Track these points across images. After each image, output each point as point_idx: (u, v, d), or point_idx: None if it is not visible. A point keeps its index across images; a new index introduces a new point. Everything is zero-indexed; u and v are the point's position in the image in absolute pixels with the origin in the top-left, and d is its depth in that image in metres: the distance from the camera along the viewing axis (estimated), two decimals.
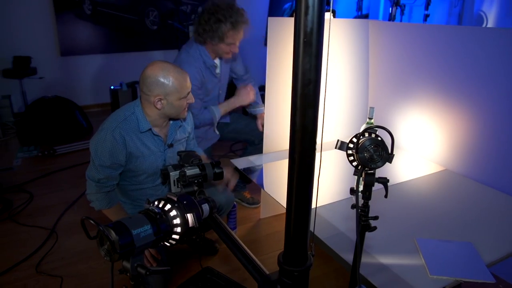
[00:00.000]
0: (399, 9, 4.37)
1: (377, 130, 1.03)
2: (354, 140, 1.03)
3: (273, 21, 1.85)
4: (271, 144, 2.11)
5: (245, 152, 2.34)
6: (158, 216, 0.83)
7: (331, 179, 1.86)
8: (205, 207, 0.98)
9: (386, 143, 0.96)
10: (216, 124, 2.15)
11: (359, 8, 5.51)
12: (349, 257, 1.23)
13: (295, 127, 0.86)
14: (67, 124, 3.58)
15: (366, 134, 0.98)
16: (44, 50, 4.11)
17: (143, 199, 1.62)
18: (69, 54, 4.24)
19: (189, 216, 0.87)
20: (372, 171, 0.98)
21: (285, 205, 1.64)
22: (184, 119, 1.61)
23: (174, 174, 1.38)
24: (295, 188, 0.93)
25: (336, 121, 2.29)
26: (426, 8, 4.68)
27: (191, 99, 1.50)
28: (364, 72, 2.30)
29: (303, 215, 0.97)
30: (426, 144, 2.06)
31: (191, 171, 1.39)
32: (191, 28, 3.92)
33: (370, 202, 1.03)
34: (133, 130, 1.46)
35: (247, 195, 2.43)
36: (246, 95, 2.14)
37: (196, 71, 1.96)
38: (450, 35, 1.86)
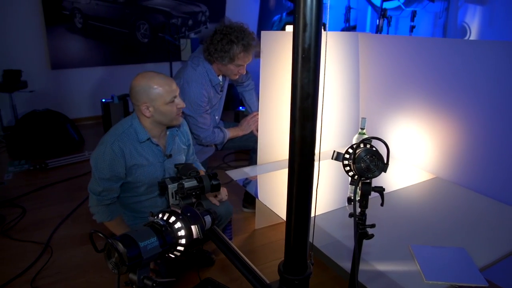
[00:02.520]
0: (386, 21, 4.48)
1: (371, 140, 1.07)
2: (350, 150, 1.07)
3: (266, 35, 1.90)
4: (265, 155, 2.14)
5: (252, 161, 2.37)
6: (163, 229, 0.85)
7: (327, 188, 1.90)
8: (208, 218, 1.00)
9: (381, 153, 1.00)
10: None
11: (347, 20, 5.64)
12: (346, 265, 1.26)
13: (294, 139, 0.90)
14: (58, 138, 3.56)
15: (362, 145, 1.02)
16: (34, 63, 4.09)
17: (143, 211, 1.64)
18: (60, 67, 4.24)
19: (194, 228, 0.90)
20: (368, 181, 1.01)
21: (280, 215, 1.69)
22: (179, 126, 1.64)
23: (172, 187, 1.40)
24: (295, 198, 0.96)
25: (328, 131, 2.33)
26: (412, 19, 4.81)
27: (180, 103, 1.53)
28: (355, 84, 2.36)
29: (303, 224, 0.99)
30: (416, 153, 2.12)
31: (189, 184, 1.41)
32: (182, 41, 3.97)
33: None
34: (131, 142, 1.49)
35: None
36: (248, 128, 2.29)
37: (204, 89, 1.99)
38: (437, 47, 1.93)
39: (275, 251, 2.10)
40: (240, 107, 3.85)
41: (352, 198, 1.03)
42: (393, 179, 2.00)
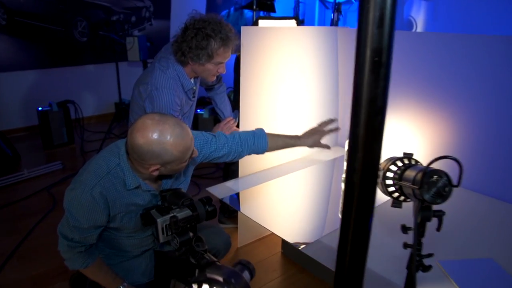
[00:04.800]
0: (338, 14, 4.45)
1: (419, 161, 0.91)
2: (394, 168, 0.90)
3: (246, 31, 1.68)
4: (247, 166, 1.93)
5: (229, 172, 2.13)
6: None
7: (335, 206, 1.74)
8: (246, 275, 0.78)
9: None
10: None
11: (296, 14, 5.56)
12: None
13: (354, 163, 0.70)
14: None
15: (407, 162, 0.85)
16: None
17: (126, 250, 1.35)
18: None
19: None
20: (429, 205, 0.85)
21: (267, 226, 1.50)
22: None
23: (162, 221, 1.14)
24: (352, 234, 0.77)
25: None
26: None
27: (195, 153, 1.23)
28: (333, 82, 2.23)
29: (358, 272, 0.80)
30: (406, 150, 2.03)
31: (182, 215, 1.17)
32: (128, 39, 3.58)
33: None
34: (116, 188, 1.19)
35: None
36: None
37: (176, 95, 1.68)
38: (422, 41, 1.85)
39: (267, 271, 1.90)
40: (198, 110, 3.58)
41: (407, 226, 0.86)
42: None
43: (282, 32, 1.89)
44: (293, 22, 2.21)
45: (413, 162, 0.91)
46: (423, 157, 1.94)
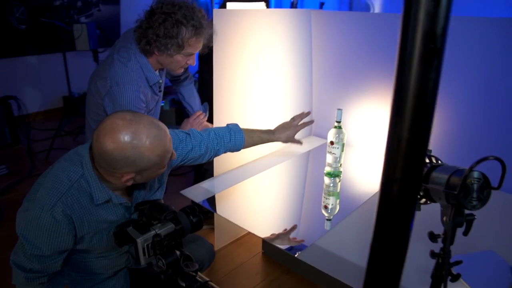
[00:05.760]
0: None
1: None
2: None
3: (219, 14, 1.51)
4: (222, 163, 1.77)
5: (201, 171, 1.96)
6: None
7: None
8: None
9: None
10: None
11: None
12: None
13: (394, 174, 0.58)
14: None
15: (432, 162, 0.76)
16: None
17: (96, 272, 1.16)
18: None
19: None
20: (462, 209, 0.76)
21: (244, 226, 1.38)
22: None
23: (143, 240, 0.98)
24: (386, 248, 0.66)
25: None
26: None
27: (174, 155, 1.07)
28: (307, 69, 2.11)
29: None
30: (383, 140, 1.97)
31: (165, 230, 1.01)
32: (76, 26, 3.23)
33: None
34: (83, 202, 1.00)
35: None
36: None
37: (140, 91, 1.46)
38: (388, 21, 1.77)
39: (249, 275, 1.78)
40: None
41: (436, 234, 0.76)
42: (371, 176, 1.84)
43: (257, 15, 1.73)
44: (262, 4, 2.05)
45: (434, 161, 0.81)
46: None
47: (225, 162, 1.77)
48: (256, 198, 1.66)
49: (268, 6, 2.08)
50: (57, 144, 3.25)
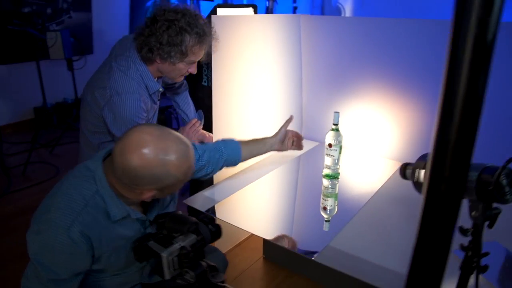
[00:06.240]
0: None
1: None
2: None
3: (218, 21, 1.50)
4: (221, 171, 1.76)
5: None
6: None
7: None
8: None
9: None
10: None
11: (225, 1, 5.39)
12: None
13: (443, 172, 0.60)
14: None
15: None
16: None
17: None
18: None
19: None
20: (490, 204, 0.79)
21: (246, 229, 1.40)
22: None
23: (167, 254, 0.95)
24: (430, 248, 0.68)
25: (269, 131, 2.04)
26: (294, 1, 4.84)
27: (194, 170, 1.07)
28: (297, 73, 2.14)
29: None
30: (378, 141, 2.02)
31: (188, 242, 0.99)
32: (49, 34, 3.10)
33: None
34: (99, 222, 0.96)
35: None
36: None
37: (141, 100, 1.42)
38: (389, 27, 1.84)
39: (254, 281, 1.77)
40: None
41: (465, 228, 0.79)
42: (367, 176, 1.88)
43: (248, 21, 1.74)
44: (250, 10, 2.06)
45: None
46: (396, 144, 1.95)
47: (223, 169, 1.76)
48: (255, 203, 1.66)
49: (256, 12, 2.09)
50: (33, 157, 3.11)
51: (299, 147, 1.65)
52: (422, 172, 0.88)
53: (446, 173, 0.58)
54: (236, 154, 1.42)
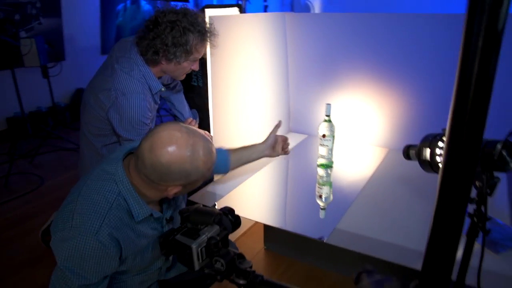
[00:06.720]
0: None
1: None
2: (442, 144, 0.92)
3: (216, 20, 1.55)
4: None
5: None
6: None
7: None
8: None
9: None
10: None
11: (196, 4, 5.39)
12: None
13: (459, 148, 0.68)
14: None
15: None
16: None
17: None
18: None
19: None
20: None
21: (251, 217, 1.50)
22: None
23: (197, 246, 1.00)
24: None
25: (258, 126, 2.12)
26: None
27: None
28: (283, 68, 2.21)
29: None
30: (365, 131, 2.13)
31: (214, 233, 1.04)
32: (24, 41, 3.02)
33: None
34: (125, 223, 0.98)
35: None
36: None
37: (146, 100, 1.45)
38: (371, 22, 1.94)
39: (258, 272, 1.82)
40: None
41: (472, 198, 0.89)
42: (358, 163, 1.98)
43: (237, 20, 1.80)
44: (236, 9, 2.11)
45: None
46: (383, 132, 2.06)
47: None
48: (254, 196, 1.71)
49: (241, 11, 2.14)
50: (12, 169, 3.02)
51: (286, 152, 1.69)
52: (428, 150, 0.97)
53: (463, 139, 0.66)
54: (223, 164, 1.45)
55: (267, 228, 2.00)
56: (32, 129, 3.79)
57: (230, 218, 1.12)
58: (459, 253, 0.83)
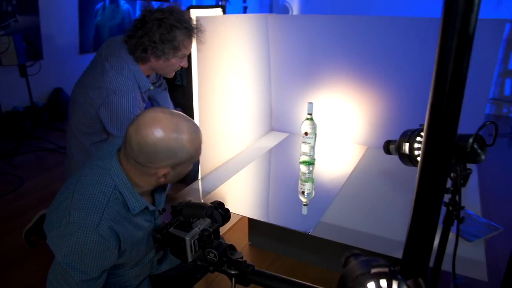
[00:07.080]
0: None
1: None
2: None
3: (202, 21, 1.58)
4: (207, 163, 1.85)
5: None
6: None
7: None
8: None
9: None
10: None
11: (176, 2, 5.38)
12: None
13: (437, 140, 0.75)
14: None
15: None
16: None
17: (129, 285, 1.17)
18: None
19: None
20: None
21: (238, 212, 1.54)
22: None
23: (190, 238, 1.04)
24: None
25: (241, 125, 2.17)
26: (244, 1, 4.97)
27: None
28: (265, 68, 2.27)
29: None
30: (344, 129, 2.21)
31: (206, 225, 1.09)
32: (1, 39, 2.95)
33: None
34: (122, 213, 1.00)
35: None
36: None
37: (137, 100, 1.47)
38: (351, 23, 2.02)
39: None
40: None
41: (448, 188, 0.97)
42: (340, 160, 2.05)
43: (225, 20, 1.84)
44: (219, 10, 2.16)
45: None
46: (361, 130, 2.15)
47: (207, 164, 1.85)
48: (239, 193, 1.75)
49: (224, 12, 2.19)
50: None
51: None
52: (407, 145, 1.04)
53: (440, 132, 0.73)
54: None
55: (252, 224, 2.05)
56: (9, 129, 3.70)
57: (221, 212, 1.16)
58: (435, 243, 0.90)
